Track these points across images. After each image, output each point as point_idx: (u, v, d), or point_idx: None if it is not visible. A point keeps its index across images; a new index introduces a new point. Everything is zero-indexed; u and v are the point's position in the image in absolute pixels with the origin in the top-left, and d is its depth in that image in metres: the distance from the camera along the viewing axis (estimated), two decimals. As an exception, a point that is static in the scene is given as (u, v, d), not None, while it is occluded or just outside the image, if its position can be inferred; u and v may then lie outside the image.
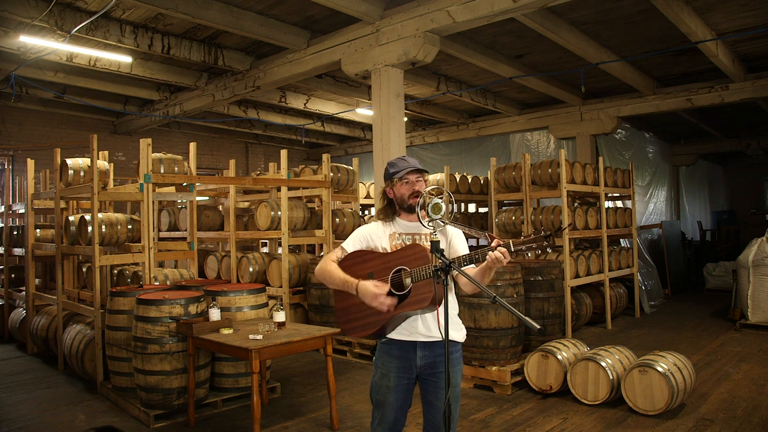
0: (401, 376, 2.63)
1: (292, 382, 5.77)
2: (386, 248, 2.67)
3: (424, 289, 2.45)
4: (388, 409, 2.64)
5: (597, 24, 7.04)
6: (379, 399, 2.67)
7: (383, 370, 2.67)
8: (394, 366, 2.64)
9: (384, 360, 2.68)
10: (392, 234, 2.71)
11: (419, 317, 2.59)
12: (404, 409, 2.68)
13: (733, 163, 18.57)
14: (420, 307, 2.48)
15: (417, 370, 2.63)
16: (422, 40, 6.11)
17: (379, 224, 2.76)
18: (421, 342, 2.61)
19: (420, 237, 2.69)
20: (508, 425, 4.46)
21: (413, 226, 2.70)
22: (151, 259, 5.70)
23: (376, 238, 2.71)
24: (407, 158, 2.75)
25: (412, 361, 2.62)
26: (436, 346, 2.60)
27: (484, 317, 5.34)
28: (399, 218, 2.74)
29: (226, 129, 13.39)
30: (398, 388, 2.63)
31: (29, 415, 4.91)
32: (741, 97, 8.94)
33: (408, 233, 2.70)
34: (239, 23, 6.61)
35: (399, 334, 2.63)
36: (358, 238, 2.74)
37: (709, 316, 8.96)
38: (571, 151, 10.78)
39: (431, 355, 2.61)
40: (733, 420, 4.47)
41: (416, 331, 2.60)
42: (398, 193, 2.70)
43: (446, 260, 2.35)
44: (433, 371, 2.61)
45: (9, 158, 10.98)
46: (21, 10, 6.05)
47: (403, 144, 6.62)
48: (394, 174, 2.69)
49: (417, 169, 2.68)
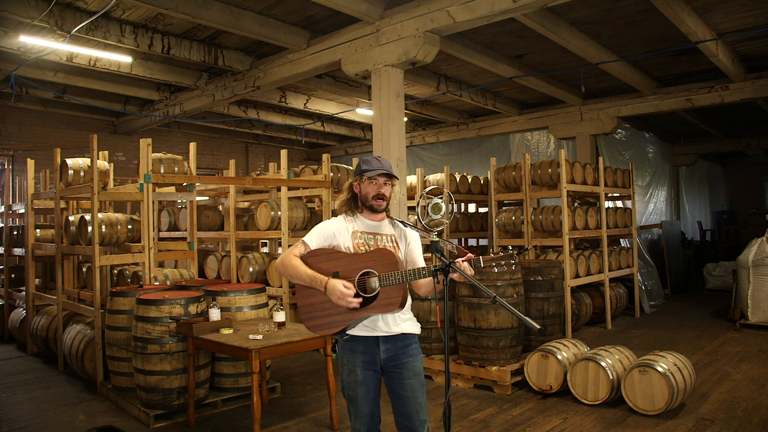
0: (367, 370, 2.73)
1: (292, 382, 5.77)
2: (349, 247, 2.72)
3: (392, 293, 2.58)
4: (361, 403, 2.72)
5: (597, 24, 7.04)
6: (351, 394, 2.76)
7: (350, 367, 2.75)
8: (359, 361, 2.73)
9: (348, 357, 2.76)
10: (354, 232, 2.76)
11: (380, 316, 2.69)
12: (377, 400, 2.77)
13: (733, 163, 18.56)
14: (388, 311, 2.61)
15: (381, 363, 2.73)
16: (422, 40, 6.10)
17: (342, 220, 2.80)
18: (382, 336, 2.71)
19: (381, 237, 2.77)
20: (508, 425, 4.46)
21: (374, 226, 2.79)
22: (151, 259, 5.70)
23: (339, 236, 2.75)
24: (382, 160, 2.80)
25: (375, 354, 2.72)
26: (396, 339, 2.72)
27: (484, 317, 5.34)
28: (361, 215, 2.80)
29: (226, 129, 13.39)
30: (366, 381, 2.72)
31: (29, 415, 4.91)
32: (741, 97, 8.93)
33: (370, 233, 2.77)
34: (239, 23, 6.61)
35: (361, 330, 2.72)
36: (321, 234, 2.76)
37: (709, 316, 8.96)
38: (571, 151, 10.78)
39: (393, 348, 2.72)
40: (733, 420, 4.47)
41: (377, 327, 2.70)
42: (364, 190, 2.76)
43: (446, 260, 2.38)
44: (397, 363, 2.72)
45: (9, 158, 10.98)
46: (21, 10, 6.04)
47: (403, 144, 6.62)
48: (365, 171, 2.74)
49: (388, 174, 2.74)
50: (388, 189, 2.76)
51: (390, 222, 2.85)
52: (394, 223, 2.85)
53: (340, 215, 2.85)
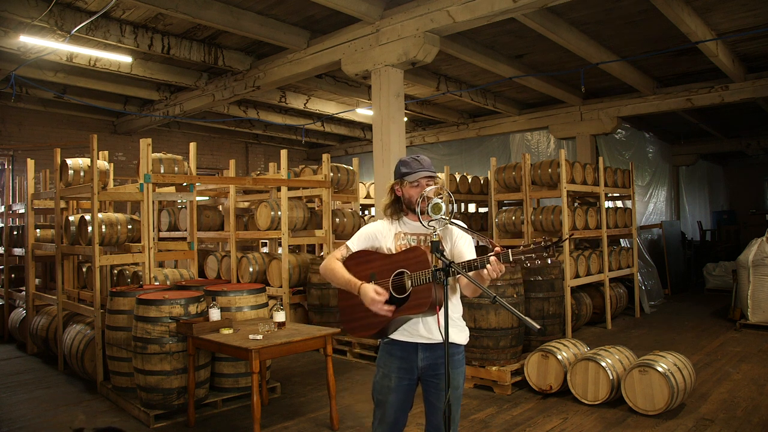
0: (402, 377, 2.64)
1: (292, 382, 5.77)
2: (391, 248, 2.66)
3: (422, 294, 2.45)
4: (389, 409, 2.65)
5: (597, 24, 7.04)
6: (380, 399, 2.68)
7: (385, 370, 2.68)
8: (395, 366, 2.64)
9: (386, 360, 2.69)
10: (398, 233, 2.69)
11: (420, 320, 2.59)
12: (405, 409, 2.68)
13: (733, 163, 18.56)
14: (418, 312, 2.48)
15: (418, 371, 2.63)
16: (422, 40, 6.11)
17: (385, 223, 2.74)
18: (422, 344, 2.61)
19: (426, 238, 2.66)
20: (508, 425, 4.46)
21: (419, 226, 2.66)
22: (151, 259, 5.70)
23: (381, 238, 2.70)
24: (421, 159, 2.67)
25: (413, 362, 2.62)
26: (437, 347, 2.59)
27: (484, 317, 5.34)
28: (406, 218, 2.72)
29: (226, 129, 13.39)
30: (399, 389, 2.63)
31: (29, 415, 4.91)
32: (741, 97, 8.94)
33: (414, 233, 2.68)
34: (239, 23, 6.61)
35: (401, 335, 2.63)
36: (363, 237, 2.73)
37: (709, 316, 8.96)
38: (571, 151, 10.78)
39: (432, 356, 2.61)
40: (733, 420, 4.47)
41: (417, 332, 2.60)
42: (407, 194, 2.66)
43: (446, 260, 2.34)
44: (435, 373, 2.61)
45: (9, 158, 10.98)
46: (21, 10, 6.05)
47: (403, 144, 6.62)
48: (406, 174, 2.64)
49: (429, 174, 2.62)
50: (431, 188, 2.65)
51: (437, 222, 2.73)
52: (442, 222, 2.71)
53: (384, 219, 2.76)
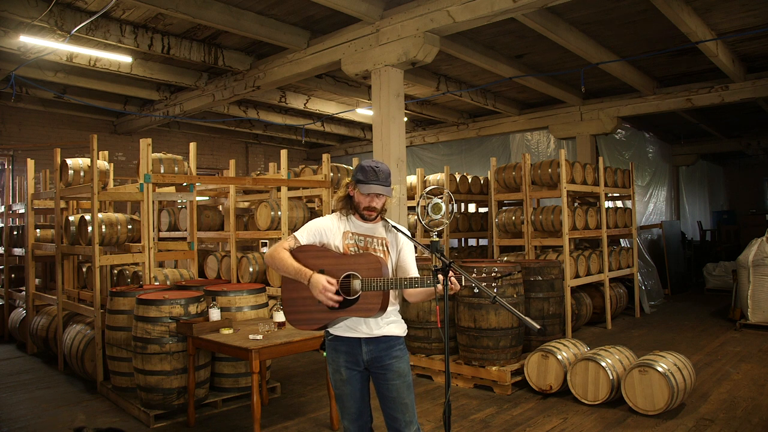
0: (351, 369, 2.74)
1: (292, 382, 5.77)
2: (338, 246, 2.72)
3: (373, 299, 2.56)
4: (348, 401, 2.75)
5: (597, 24, 7.04)
6: (338, 393, 2.79)
7: (334, 366, 2.78)
8: (342, 360, 2.74)
9: (333, 356, 2.78)
10: (346, 232, 2.75)
11: (362, 318, 2.68)
12: (365, 399, 2.78)
13: (733, 163, 18.55)
14: (366, 316, 2.61)
15: (364, 363, 2.73)
16: (422, 40, 6.10)
17: (335, 219, 2.79)
18: (364, 338, 2.71)
19: (372, 240, 2.74)
20: (508, 425, 4.46)
21: (367, 228, 2.77)
22: (151, 259, 5.70)
23: (329, 234, 2.75)
24: (379, 171, 2.67)
25: (358, 355, 2.72)
26: (379, 341, 2.71)
27: (484, 317, 5.34)
28: (353, 217, 2.78)
29: (226, 129, 13.39)
30: (351, 380, 2.74)
31: (29, 415, 4.91)
32: (741, 97, 8.94)
33: (361, 234, 2.75)
34: (239, 23, 6.61)
35: (343, 330, 2.73)
36: (312, 231, 2.76)
37: (709, 316, 8.96)
38: (571, 151, 10.78)
39: (376, 349, 2.71)
40: (733, 420, 4.47)
41: (359, 329, 2.70)
42: (356, 198, 2.74)
43: (446, 260, 2.36)
44: (381, 364, 2.71)
45: (9, 158, 10.98)
46: (21, 10, 6.04)
47: (403, 144, 6.62)
48: (359, 182, 2.68)
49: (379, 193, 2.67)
50: (381, 201, 2.71)
51: (384, 225, 2.80)
52: (389, 226, 2.79)
53: (335, 213, 2.83)
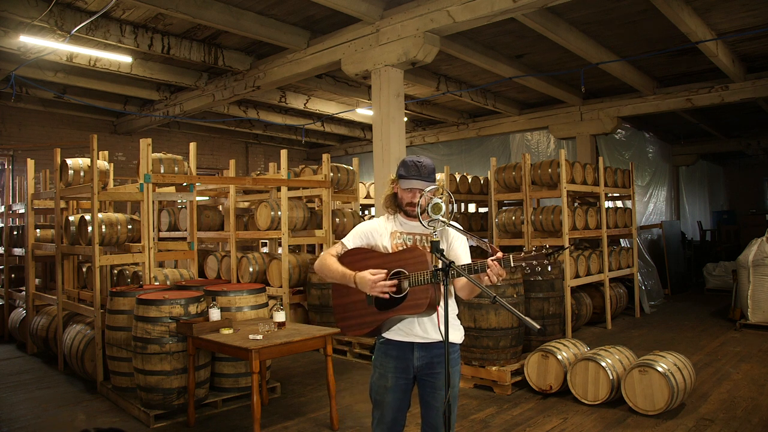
0: (399, 377, 2.63)
1: (292, 382, 5.77)
2: (387, 247, 2.65)
3: (420, 294, 2.45)
4: (387, 409, 2.64)
5: (597, 24, 7.04)
6: (378, 399, 2.67)
7: (381, 371, 2.67)
8: (391, 366, 2.64)
9: (382, 360, 2.68)
10: (393, 232, 2.69)
11: (416, 319, 2.58)
12: (403, 409, 2.68)
13: (733, 163, 18.55)
14: (416, 313, 2.48)
15: (414, 370, 2.63)
16: (422, 40, 6.10)
17: (382, 221, 2.74)
18: (418, 343, 2.61)
19: (421, 237, 2.66)
20: (508, 425, 4.46)
21: (415, 226, 2.68)
22: (151, 259, 5.70)
23: (377, 236, 2.69)
24: (421, 166, 2.62)
25: (409, 361, 2.62)
26: (433, 347, 2.60)
27: (484, 317, 5.34)
28: (401, 217, 2.72)
29: (226, 129, 13.39)
30: (396, 389, 2.63)
31: (29, 415, 4.91)
32: (741, 97, 8.94)
33: (409, 233, 2.68)
34: (239, 23, 6.61)
35: (396, 334, 2.63)
36: (358, 234, 2.72)
37: (709, 316, 8.96)
38: (571, 151, 10.78)
39: (428, 355, 2.61)
40: (733, 420, 4.47)
41: (413, 332, 2.60)
42: (399, 195, 2.69)
43: (446, 260, 2.34)
44: (431, 372, 2.61)
45: (9, 158, 10.98)
46: (21, 10, 6.04)
47: (403, 144, 6.62)
48: (401, 177, 2.65)
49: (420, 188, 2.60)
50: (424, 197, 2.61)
51: None
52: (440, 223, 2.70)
53: (383, 215, 2.77)
